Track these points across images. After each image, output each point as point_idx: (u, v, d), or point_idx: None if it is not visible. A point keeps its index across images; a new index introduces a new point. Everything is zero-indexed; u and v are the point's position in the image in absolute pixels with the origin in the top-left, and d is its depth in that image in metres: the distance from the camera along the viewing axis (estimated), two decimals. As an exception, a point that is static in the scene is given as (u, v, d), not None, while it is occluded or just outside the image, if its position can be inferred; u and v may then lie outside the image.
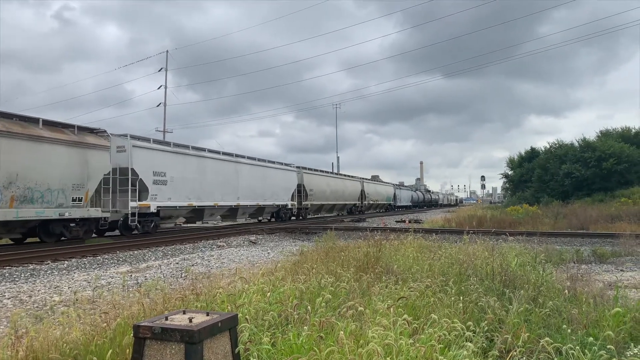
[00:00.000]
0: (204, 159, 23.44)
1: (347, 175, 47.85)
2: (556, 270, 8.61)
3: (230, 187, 25.07)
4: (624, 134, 45.14)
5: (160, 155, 20.29)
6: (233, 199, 25.31)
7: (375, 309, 4.52)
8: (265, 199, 28.75)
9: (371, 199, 52.23)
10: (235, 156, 26.84)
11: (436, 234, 14.70)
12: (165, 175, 20.13)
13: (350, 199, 45.36)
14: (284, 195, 31.58)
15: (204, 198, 22.65)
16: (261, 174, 28.69)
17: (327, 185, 39.34)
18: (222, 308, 4.77)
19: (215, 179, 23.85)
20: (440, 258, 8.19)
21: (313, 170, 37.93)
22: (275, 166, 31.16)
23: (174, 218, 22.22)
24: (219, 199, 23.97)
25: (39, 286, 9.17)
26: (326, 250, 9.95)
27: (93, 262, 12.59)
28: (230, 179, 25.23)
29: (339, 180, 43.63)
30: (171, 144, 21.83)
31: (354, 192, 46.92)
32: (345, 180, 45.57)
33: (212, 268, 11.15)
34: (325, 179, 39.74)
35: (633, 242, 13.58)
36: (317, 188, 36.75)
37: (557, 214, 26.50)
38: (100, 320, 4.67)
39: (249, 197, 26.84)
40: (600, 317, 4.88)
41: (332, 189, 40.20)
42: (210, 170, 23.61)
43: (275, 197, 30.27)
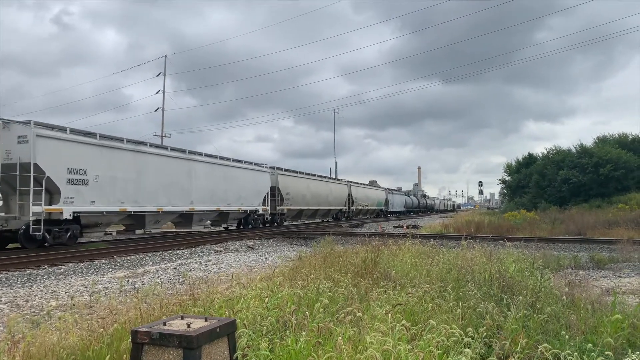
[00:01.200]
0: (144, 155, 19.44)
1: (332, 177, 44.35)
2: (554, 276, 8.63)
3: (180, 189, 21.34)
4: (620, 140, 45.31)
5: (79, 148, 16.47)
6: (185, 203, 21.63)
7: (374, 314, 4.52)
8: (228, 203, 25.23)
9: (360, 204, 49.26)
10: (189, 153, 22.97)
11: (434, 240, 14.74)
12: (85, 174, 16.44)
13: (335, 204, 42.29)
14: (254, 199, 28.02)
15: (143, 202, 18.98)
16: (223, 174, 25.00)
17: (307, 189, 35.79)
18: (220, 313, 4.76)
19: (160, 179, 20.05)
20: (438, 264, 8.19)
21: (290, 171, 34.34)
22: (243, 166, 27.35)
23: (103, 226, 18.23)
24: (164, 203, 20.20)
25: (36, 291, 9.13)
26: (324, 255, 9.93)
27: (90, 267, 12.55)
28: (180, 179, 21.46)
29: (321, 183, 39.49)
30: (97, 136, 17.48)
31: (340, 197, 43.83)
32: (329, 183, 41.87)
33: (209, 273, 11.12)
34: (305, 182, 35.99)
35: (630, 248, 13.60)
36: (295, 191, 33.33)
37: (555, 220, 26.54)
38: (98, 326, 4.65)
39: (206, 201, 23.30)
40: (598, 323, 4.88)
41: (313, 192, 36.74)
42: (153, 168, 19.74)
43: (243, 202, 26.59)
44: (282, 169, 32.84)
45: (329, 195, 40.57)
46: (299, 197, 33.97)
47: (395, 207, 65.86)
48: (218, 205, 24.34)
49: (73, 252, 15.02)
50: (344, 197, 44.76)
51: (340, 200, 43.46)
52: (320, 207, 38.45)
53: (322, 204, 38.76)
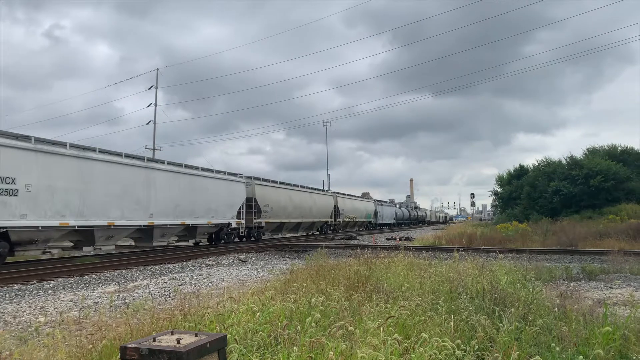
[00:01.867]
0: (90, 162, 16.95)
1: (316, 188, 41.44)
2: (546, 287, 8.64)
3: (136, 201, 18.81)
4: (610, 151, 45.74)
5: (5, 153, 13.95)
6: (142, 216, 19.05)
7: (366, 328, 4.49)
8: (196, 216, 22.59)
9: (347, 216, 46.97)
10: (148, 160, 20.49)
11: (426, 252, 14.73)
12: (14, 182, 14.10)
13: (320, 216, 39.70)
14: (227, 211, 25.40)
15: (90, 215, 16.60)
16: (189, 184, 22.40)
17: (288, 200, 33.42)
18: (210, 328, 4.71)
19: (111, 189, 17.62)
20: (430, 276, 8.18)
21: (270, 181, 32.04)
22: (213, 175, 24.80)
23: (41, 243, 15.53)
24: (117, 216, 17.73)
25: (24, 307, 9.00)
26: (317, 268, 9.89)
27: (80, 282, 12.40)
28: (136, 190, 18.96)
29: (304, 194, 37.16)
30: (32, 139, 15.03)
31: (325, 208, 41.31)
32: (313, 194, 39.28)
33: (201, 287, 11.03)
34: (285, 192, 33.44)
35: (621, 259, 13.67)
36: (274, 203, 30.84)
37: (547, 231, 26.65)
38: (87, 342, 4.59)
39: (169, 214, 20.64)
40: (590, 334, 4.88)
41: (295, 204, 34.46)
42: (102, 177, 17.30)
43: (213, 215, 24.06)
44: (259, 178, 30.57)
45: (313, 207, 38.25)
46: (279, 209, 31.61)
47: (385, 219, 63.81)
48: (183, 219, 21.59)
49: (62, 266, 14.86)
50: (330, 208, 42.63)
51: (325, 212, 41.26)
52: (303, 219, 36.01)
53: (305, 216, 36.36)
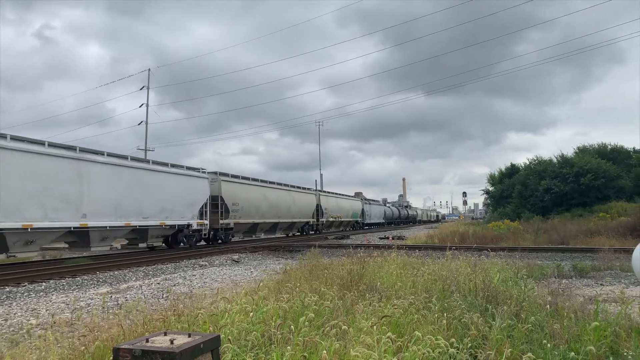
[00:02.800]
0: None
1: (295, 186, 38.17)
2: (538, 285, 8.70)
3: (63, 199, 16.04)
4: (600, 150, 46.11)
5: None
6: (72, 216, 16.32)
7: (359, 327, 4.50)
8: (145, 217, 19.64)
9: (331, 215, 44.27)
10: (80, 151, 17.24)
11: (419, 251, 14.77)
12: None
13: (300, 215, 37.09)
14: (186, 211, 22.54)
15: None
16: (136, 180, 19.39)
17: (262, 199, 30.55)
18: (204, 329, 4.71)
19: (27, 185, 14.80)
20: (423, 275, 8.21)
21: (240, 177, 28.96)
22: (167, 170, 21.75)
23: None
24: (37, 217, 14.96)
25: (15, 309, 8.94)
26: (310, 268, 9.90)
27: (72, 283, 12.33)
28: (64, 185, 16.09)
29: (282, 192, 34.27)
30: None
31: (307, 207, 38.60)
32: (292, 192, 36.34)
33: (194, 288, 11.00)
34: (258, 190, 30.57)
35: (612, 256, 13.80)
36: (245, 202, 28.01)
37: (538, 229, 26.82)
38: (79, 344, 4.56)
39: (109, 214, 17.84)
40: (581, 331, 4.93)
41: (271, 202, 31.66)
42: (15, 170, 14.45)
43: (168, 214, 21.06)
44: (227, 174, 27.65)
45: (292, 206, 35.60)
46: (251, 208, 28.71)
47: (373, 219, 61.47)
48: (128, 220, 18.66)
49: (54, 268, 14.76)
50: (312, 208, 39.89)
51: (307, 211, 38.59)
52: (281, 219, 33.35)
53: (283, 215, 33.77)
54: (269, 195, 31.84)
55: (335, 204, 46.55)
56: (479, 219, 75.93)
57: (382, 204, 72.68)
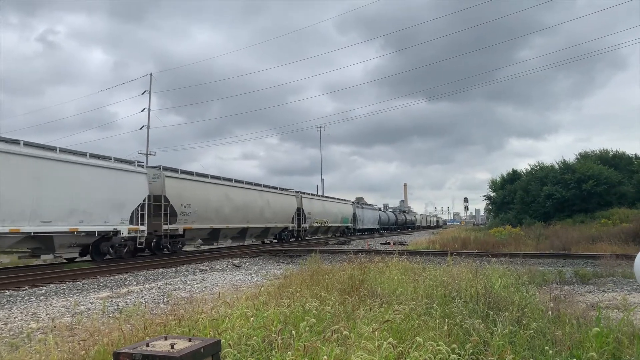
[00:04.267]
0: None
1: (270, 186, 33.14)
2: (539, 291, 8.67)
3: None
4: (602, 156, 46.12)
5: None
6: None
7: (360, 332, 4.49)
8: (46, 220, 15.05)
9: (316, 220, 39.29)
10: None
11: (420, 256, 14.74)
12: None
13: (276, 220, 32.28)
14: (112, 214, 17.82)
15: None
16: (30, 172, 14.72)
17: (225, 200, 25.82)
18: (204, 334, 4.69)
19: None
20: (424, 280, 8.19)
21: (195, 174, 24.29)
22: (83, 161, 16.93)
23: None
24: None
25: (16, 313, 8.92)
26: (311, 273, 9.88)
27: (72, 288, 12.31)
28: None
29: (252, 193, 29.27)
30: None
31: (285, 211, 34.06)
32: (265, 193, 31.30)
33: (194, 293, 10.98)
34: (220, 190, 25.75)
35: (614, 262, 13.75)
36: (200, 204, 23.29)
37: (540, 235, 26.77)
38: (79, 348, 4.55)
39: None
40: (583, 338, 4.90)
41: (236, 205, 26.91)
42: None
43: (84, 218, 16.49)
44: (175, 170, 22.82)
45: (266, 209, 30.64)
46: (208, 211, 24.11)
47: (366, 224, 56.74)
48: (19, 224, 14.10)
49: (55, 272, 14.74)
50: (291, 211, 35.27)
51: (285, 215, 33.99)
52: (250, 224, 28.47)
53: (254, 220, 28.93)
54: (234, 196, 27.06)
55: (321, 208, 41.72)
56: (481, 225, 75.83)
57: (376, 208, 67.42)
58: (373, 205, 67.00)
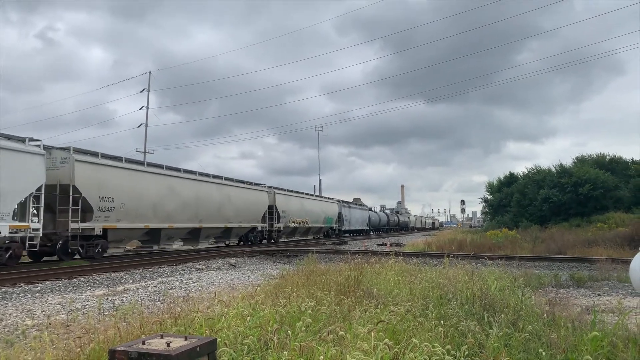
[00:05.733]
0: None
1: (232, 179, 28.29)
2: (535, 294, 8.69)
3: None
4: (598, 160, 46.25)
5: None
6: None
7: (356, 333, 4.49)
8: None
9: (293, 219, 35.32)
10: None
11: (417, 258, 14.77)
12: None
13: (240, 219, 27.56)
14: None
15: None
16: None
17: (167, 194, 21.23)
18: (200, 332, 4.69)
19: None
20: (421, 282, 8.21)
21: (123, 160, 19.77)
22: None
23: None
24: None
25: (11, 309, 8.90)
26: (307, 273, 9.88)
27: (68, 285, 12.28)
28: None
29: (207, 187, 24.87)
30: None
31: (252, 209, 29.29)
32: (225, 186, 26.67)
33: (191, 291, 10.97)
34: (162, 182, 21.26)
35: (609, 266, 13.79)
36: (132, 198, 19.06)
37: (536, 239, 26.84)
38: (75, 345, 4.54)
39: None
40: (578, 341, 4.92)
41: (184, 200, 22.40)
42: None
43: None
44: (95, 153, 18.32)
45: (226, 206, 26.11)
46: (142, 207, 19.70)
47: (353, 225, 52.31)
48: None
49: (51, 269, 14.70)
50: (261, 209, 30.62)
51: (252, 214, 29.36)
52: (204, 224, 24.17)
53: (208, 219, 24.54)
54: (181, 189, 22.55)
55: (299, 206, 37.10)
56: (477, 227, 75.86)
57: (366, 208, 62.22)
58: (362, 205, 62.01)
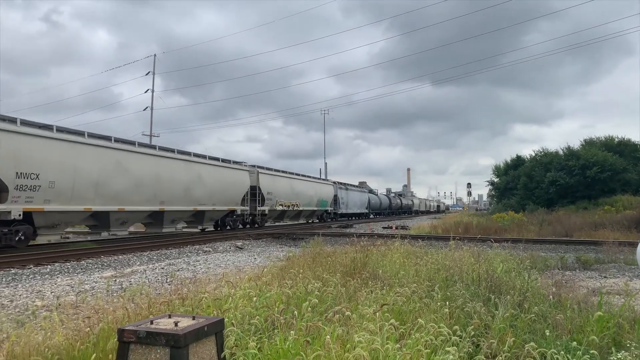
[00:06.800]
0: None
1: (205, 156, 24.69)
2: (541, 276, 8.70)
3: None
4: (607, 142, 45.84)
5: None
6: None
7: (362, 313, 4.52)
8: None
9: (280, 202, 31.86)
10: None
11: (422, 240, 14.77)
12: None
13: (214, 201, 24.21)
14: None
15: None
16: None
17: (115, 171, 17.90)
18: (208, 313, 4.73)
19: None
20: (426, 264, 8.22)
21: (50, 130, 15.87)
22: None
23: None
24: None
25: (21, 290, 9.02)
26: (313, 255, 9.92)
27: (77, 267, 12.41)
28: None
29: (171, 164, 21.26)
30: None
31: (229, 190, 25.74)
32: (193, 164, 23.01)
33: (198, 273, 11.06)
34: (108, 157, 17.75)
35: (616, 249, 13.76)
36: (65, 176, 16.00)
37: (542, 221, 26.78)
38: (84, 325, 4.59)
39: None
40: (584, 322, 4.93)
41: (139, 178, 18.94)
42: None
43: None
44: (13, 120, 14.71)
45: (196, 187, 22.79)
46: (81, 186, 16.54)
47: (351, 208, 49.28)
48: None
49: (59, 251, 14.86)
50: (241, 190, 27.13)
51: (229, 195, 25.81)
52: (167, 206, 20.63)
53: (172, 200, 20.97)
54: (134, 166, 18.99)
55: (288, 187, 33.73)
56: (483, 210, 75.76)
57: (365, 190, 58.79)
58: (361, 187, 58.86)
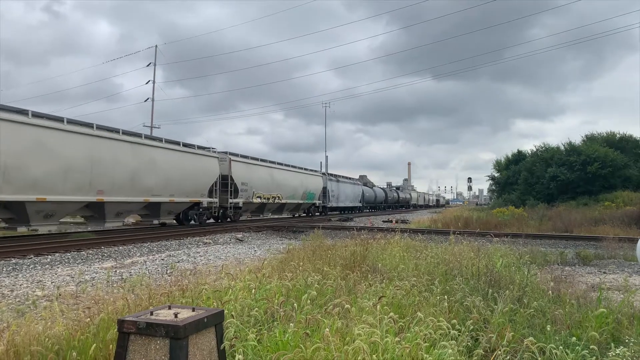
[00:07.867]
0: None
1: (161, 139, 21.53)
2: (541, 271, 8.71)
3: None
4: (608, 138, 45.72)
5: None
6: None
7: (362, 306, 4.53)
8: None
9: (258, 194, 28.56)
10: None
11: (422, 234, 14.79)
12: None
13: (173, 191, 21.16)
14: None
15: None
16: None
17: (35, 154, 14.78)
18: (207, 304, 4.74)
19: None
20: (426, 258, 8.23)
21: None
22: None
23: None
24: None
25: (21, 280, 9.04)
26: (313, 248, 9.93)
27: (77, 257, 12.44)
28: None
29: (113, 147, 18.03)
30: None
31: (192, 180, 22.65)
32: (146, 147, 19.93)
33: (198, 265, 11.08)
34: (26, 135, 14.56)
35: (616, 245, 13.77)
36: None
37: (542, 217, 26.78)
38: (84, 315, 4.61)
39: None
40: (583, 318, 4.94)
41: (66, 162, 15.84)
42: None
43: None
44: None
45: (148, 175, 19.71)
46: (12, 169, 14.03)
47: (342, 202, 45.69)
48: None
49: (60, 241, 14.89)
50: (208, 180, 24.22)
51: (192, 185, 22.78)
52: (108, 197, 17.63)
53: (116, 190, 17.99)
54: (61, 147, 15.81)
55: (268, 178, 30.27)
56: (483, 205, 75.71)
57: (359, 183, 55.71)
58: (354, 179, 55.44)
